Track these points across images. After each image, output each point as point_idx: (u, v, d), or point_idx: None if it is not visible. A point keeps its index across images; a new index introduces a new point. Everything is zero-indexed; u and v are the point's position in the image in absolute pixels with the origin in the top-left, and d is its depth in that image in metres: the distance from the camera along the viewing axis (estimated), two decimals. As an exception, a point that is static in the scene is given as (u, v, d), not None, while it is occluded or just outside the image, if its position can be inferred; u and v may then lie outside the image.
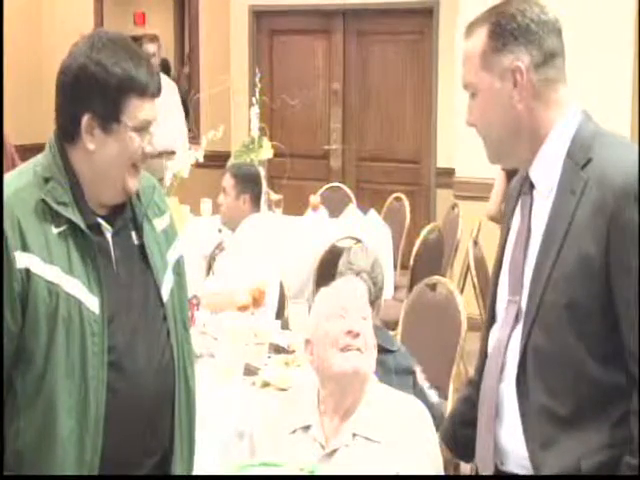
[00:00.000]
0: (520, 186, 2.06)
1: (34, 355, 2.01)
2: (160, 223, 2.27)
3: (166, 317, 2.21)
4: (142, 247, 2.19)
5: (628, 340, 1.83)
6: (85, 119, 2.05)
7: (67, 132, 2.10)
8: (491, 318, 2.09)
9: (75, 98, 2.08)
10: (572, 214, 1.87)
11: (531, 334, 1.92)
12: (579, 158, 1.91)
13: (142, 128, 2.09)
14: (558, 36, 1.98)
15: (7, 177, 2.12)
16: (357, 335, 2.38)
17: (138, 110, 2.07)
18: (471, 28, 2.00)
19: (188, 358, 2.29)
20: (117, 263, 2.14)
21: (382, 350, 2.77)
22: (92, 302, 2.06)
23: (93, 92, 2.05)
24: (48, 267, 2.01)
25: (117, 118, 2.06)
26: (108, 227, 2.13)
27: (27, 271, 1.99)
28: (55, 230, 2.04)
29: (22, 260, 1.99)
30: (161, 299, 2.20)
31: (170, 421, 2.21)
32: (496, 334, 2.05)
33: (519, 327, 1.96)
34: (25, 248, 1.99)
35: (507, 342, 1.98)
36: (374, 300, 3.07)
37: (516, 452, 1.97)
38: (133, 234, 2.19)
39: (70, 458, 2.03)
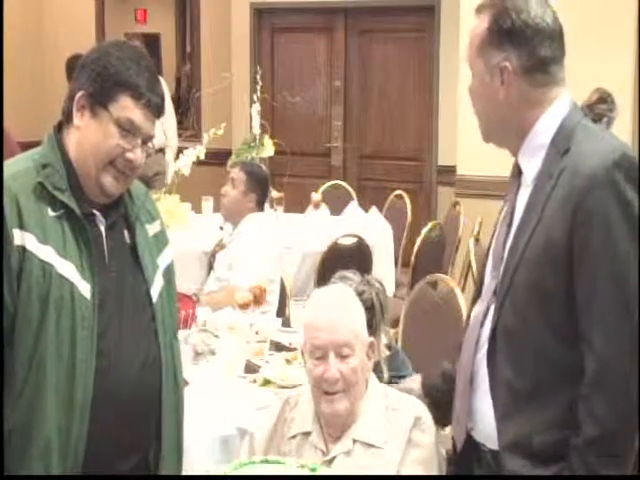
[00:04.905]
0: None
1: (25, 334, 2.03)
2: (151, 228, 2.30)
3: (154, 317, 2.22)
4: (133, 247, 2.22)
5: (582, 324, 1.89)
6: (78, 95, 2.12)
7: (66, 111, 2.16)
8: (478, 295, 2.15)
9: (77, 79, 2.15)
10: (546, 199, 1.94)
11: (501, 312, 1.99)
12: (560, 146, 1.96)
13: (126, 129, 2.12)
14: (557, 42, 1.98)
15: (8, 165, 2.14)
16: (336, 381, 2.28)
17: (128, 109, 2.11)
18: (481, 9, 2.02)
19: (178, 361, 2.31)
20: (109, 256, 2.17)
21: (395, 381, 2.68)
22: (84, 287, 2.08)
23: (91, 75, 2.12)
24: (43, 247, 2.04)
25: (105, 104, 2.11)
26: (102, 219, 2.16)
27: (23, 249, 2.02)
28: (52, 213, 2.07)
29: (19, 238, 2.02)
30: (150, 299, 2.22)
31: (156, 421, 2.22)
32: (476, 308, 2.12)
33: (494, 304, 2.03)
34: (22, 226, 2.02)
35: (484, 316, 2.05)
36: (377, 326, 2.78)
37: (484, 420, 2.05)
38: (125, 233, 2.22)
39: (56, 442, 2.04)
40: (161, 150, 7.60)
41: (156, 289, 2.24)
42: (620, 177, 1.86)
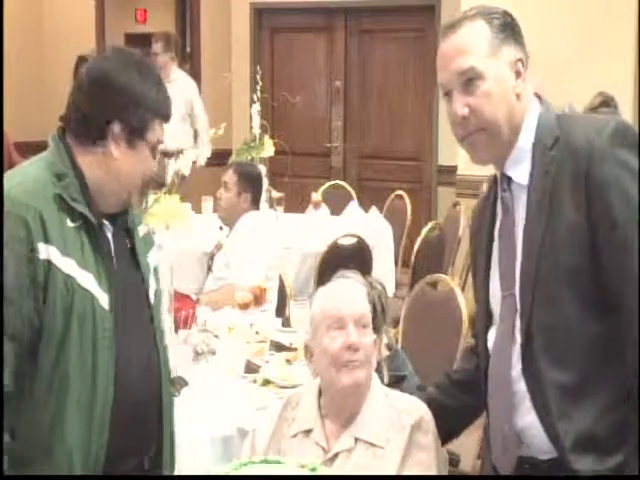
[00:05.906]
0: (491, 188, 2.15)
1: (48, 347, 2.04)
2: (141, 231, 2.33)
3: (152, 319, 2.25)
4: (133, 249, 2.25)
5: (618, 293, 1.89)
6: (116, 127, 2.11)
7: (88, 134, 2.13)
8: (488, 318, 2.11)
9: (107, 105, 2.12)
10: (551, 195, 1.94)
11: (532, 312, 1.95)
12: (547, 141, 1.98)
13: (155, 150, 2.19)
14: None
15: (16, 175, 2.14)
16: (357, 349, 2.32)
17: (158, 133, 2.18)
18: (458, 23, 2.04)
19: (168, 362, 2.34)
20: (117, 263, 2.19)
21: (395, 381, 2.69)
22: (103, 298, 2.10)
23: (127, 104, 2.11)
24: (65, 259, 2.05)
25: (143, 135, 2.14)
26: (110, 227, 2.18)
27: (49, 262, 2.02)
28: (70, 224, 2.08)
29: (44, 251, 2.02)
30: (149, 301, 2.25)
31: (156, 423, 2.24)
32: (496, 331, 2.07)
33: (519, 315, 1.99)
34: (46, 239, 2.02)
35: (512, 332, 2.00)
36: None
37: (534, 435, 2.00)
38: (125, 237, 2.25)
39: (77, 452, 2.06)
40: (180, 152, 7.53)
41: (152, 291, 2.28)
42: (620, 146, 1.89)
